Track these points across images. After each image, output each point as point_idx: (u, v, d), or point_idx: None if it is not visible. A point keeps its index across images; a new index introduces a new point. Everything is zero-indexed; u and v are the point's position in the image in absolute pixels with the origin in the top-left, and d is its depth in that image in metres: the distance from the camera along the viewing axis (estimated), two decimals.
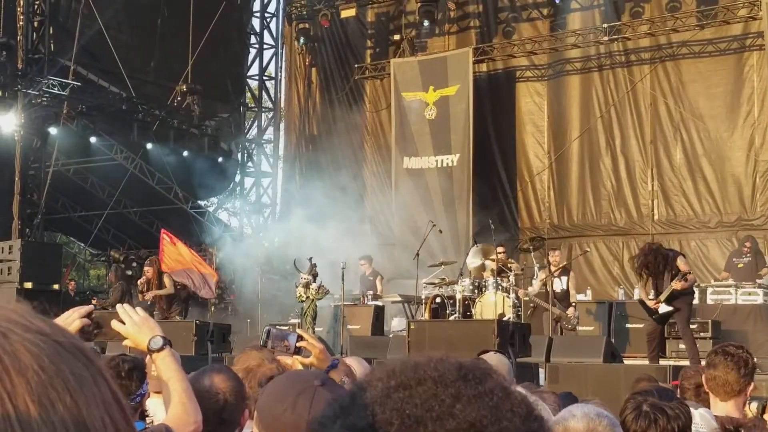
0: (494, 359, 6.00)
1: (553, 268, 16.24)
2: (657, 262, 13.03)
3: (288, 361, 4.51)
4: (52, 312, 3.39)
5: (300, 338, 3.93)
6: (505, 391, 1.08)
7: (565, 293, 16.11)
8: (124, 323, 3.44)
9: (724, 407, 4.84)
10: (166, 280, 17.44)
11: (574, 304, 16.11)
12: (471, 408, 1.04)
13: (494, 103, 23.27)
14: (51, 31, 24.40)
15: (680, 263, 13.13)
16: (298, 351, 3.91)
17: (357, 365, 4.73)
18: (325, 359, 3.96)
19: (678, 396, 4.43)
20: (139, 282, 17.87)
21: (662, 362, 13.94)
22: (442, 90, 23.18)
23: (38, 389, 0.82)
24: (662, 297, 13.03)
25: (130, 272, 26.92)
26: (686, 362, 12.75)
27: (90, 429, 0.83)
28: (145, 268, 17.73)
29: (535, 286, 16.62)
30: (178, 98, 25.60)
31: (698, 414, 4.31)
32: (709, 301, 17.05)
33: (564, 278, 16.14)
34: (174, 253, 18.38)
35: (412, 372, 1.08)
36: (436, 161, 23.25)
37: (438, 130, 23.20)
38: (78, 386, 0.85)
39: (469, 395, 1.05)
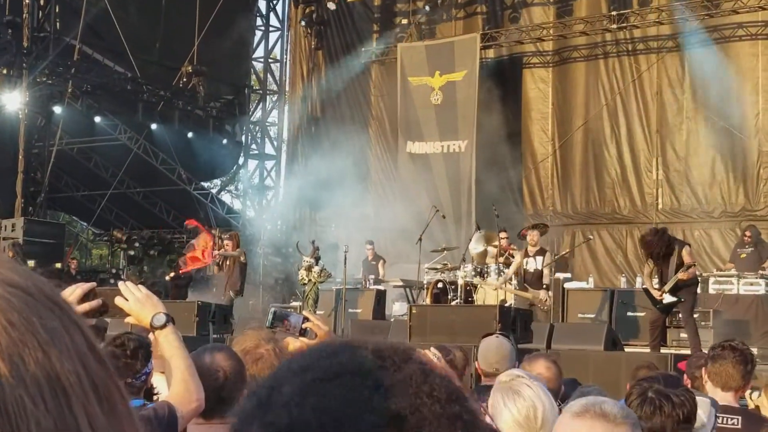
0: (496, 343, 5.98)
1: (530, 248, 16.08)
2: (660, 245, 12.95)
3: (291, 344, 4.49)
4: (63, 288, 3.37)
5: (306, 320, 3.92)
6: (424, 375, 1.06)
7: (539, 274, 15.86)
8: (127, 300, 3.42)
9: (725, 398, 4.87)
10: (241, 252, 18.19)
11: (545, 285, 15.85)
12: (390, 399, 1.02)
13: (500, 89, 23.21)
14: (57, 10, 24.34)
15: (685, 254, 13.08)
16: (303, 332, 3.90)
17: None
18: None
19: (684, 384, 4.42)
20: (216, 254, 18.59)
21: (663, 351, 13.93)
22: (448, 75, 23.11)
23: (8, 347, 0.78)
24: (667, 287, 13.00)
25: (132, 252, 26.94)
26: (687, 351, 12.73)
27: (64, 383, 0.79)
28: (225, 243, 18.37)
29: (510, 270, 16.37)
30: (184, 79, 25.57)
31: (704, 402, 4.30)
32: (711, 291, 17.01)
33: (539, 259, 15.90)
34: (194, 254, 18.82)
35: (328, 363, 1.05)
36: (443, 147, 23.19)
37: (444, 115, 23.14)
38: (50, 339, 0.80)
39: (387, 385, 1.03)
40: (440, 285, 17.04)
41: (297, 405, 1.03)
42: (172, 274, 20.69)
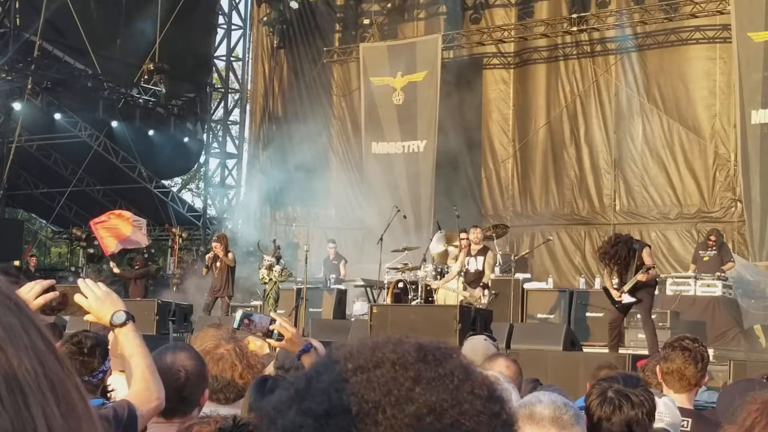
0: (481, 344, 5.99)
1: (473, 246, 16.00)
2: (626, 253, 12.99)
3: (253, 343, 4.46)
4: (22, 284, 3.32)
5: (273, 321, 3.90)
6: (466, 372, 1.06)
7: (479, 274, 15.68)
8: (86, 297, 3.37)
9: (678, 399, 4.83)
10: (231, 255, 17.98)
11: (483, 284, 15.77)
12: (431, 391, 1.02)
13: (460, 90, 23.25)
14: (16, 5, 24.09)
15: (645, 256, 13.12)
16: (270, 334, 3.88)
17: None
18: (298, 343, 3.92)
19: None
20: (206, 257, 18.40)
21: (621, 351, 14.00)
22: (410, 76, 23.13)
23: None
24: (626, 288, 13.05)
25: (92, 250, 26.71)
26: (645, 351, 12.79)
27: (21, 381, 0.78)
28: (213, 244, 18.20)
29: (454, 269, 16.34)
30: (145, 77, 25.38)
31: (662, 403, 4.29)
32: (668, 292, 17.12)
33: (480, 259, 15.83)
34: (111, 229, 18.51)
35: (370, 354, 1.05)
36: (403, 147, 23.21)
37: (405, 115, 23.16)
38: (6, 336, 0.79)
39: (428, 378, 1.03)
40: (401, 285, 17.04)
41: (336, 391, 1.02)
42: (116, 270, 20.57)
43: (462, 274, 15.83)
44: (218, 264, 17.85)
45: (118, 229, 18.84)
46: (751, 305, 17.33)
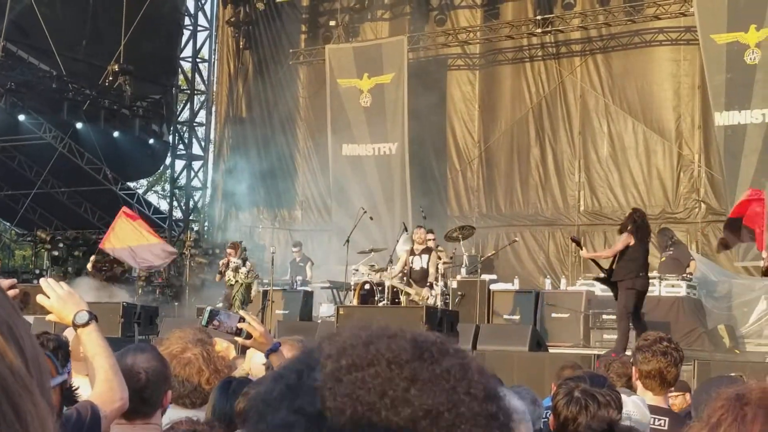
0: None
1: (417, 246, 16.15)
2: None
3: (218, 346, 4.42)
4: None
5: (242, 320, 3.87)
6: (463, 370, 1.03)
7: (424, 272, 15.96)
8: (48, 297, 3.33)
9: (656, 400, 4.77)
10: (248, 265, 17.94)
11: (429, 283, 15.90)
12: (427, 393, 0.99)
13: (425, 91, 23.23)
14: None
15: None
16: (238, 332, 3.85)
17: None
18: (266, 342, 3.89)
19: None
20: (220, 263, 18.47)
21: (587, 351, 14.07)
22: (376, 78, 23.09)
23: None
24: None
25: (56, 253, 26.54)
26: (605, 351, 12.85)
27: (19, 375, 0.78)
28: (228, 251, 18.19)
29: (396, 268, 16.49)
30: (110, 78, 25.19)
31: (631, 402, 4.27)
32: None
33: (425, 257, 16.01)
34: (128, 229, 18.22)
35: (364, 350, 1.02)
36: (374, 149, 23.17)
37: (374, 118, 23.11)
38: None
39: (424, 378, 1.00)
40: (367, 286, 17.03)
41: (329, 390, 0.99)
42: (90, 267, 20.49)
43: (408, 272, 16.02)
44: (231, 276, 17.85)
45: (134, 234, 18.44)
46: (715, 305, 17.45)
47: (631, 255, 12.64)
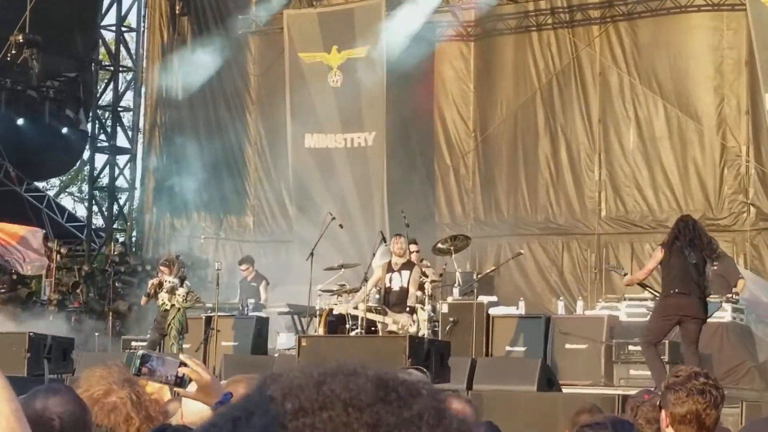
0: None
1: (396, 260, 16.01)
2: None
3: (150, 387, 4.42)
4: None
5: (182, 365, 3.84)
6: (438, 416, 1.02)
7: (403, 294, 15.75)
8: None
9: None
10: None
11: (409, 308, 15.77)
12: None
13: (407, 67, 23.21)
14: None
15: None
16: (179, 382, 3.82)
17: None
18: (214, 393, 3.88)
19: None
20: (150, 283, 18.44)
21: (609, 391, 14.11)
22: (348, 51, 23.09)
23: None
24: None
25: None
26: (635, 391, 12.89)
27: None
28: (161, 269, 18.14)
29: (368, 285, 16.34)
30: (13, 52, 25.08)
31: None
32: None
33: (405, 274, 15.82)
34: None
35: (315, 391, 1.01)
36: (345, 140, 23.14)
37: (346, 101, 23.08)
38: None
39: (390, 424, 0.99)
40: (336, 311, 17.02)
41: None
42: None
43: (381, 294, 15.87)
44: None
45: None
46: None
47: (664, 271, 13.00)
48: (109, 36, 29.34)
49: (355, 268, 18.95)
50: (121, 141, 28.81)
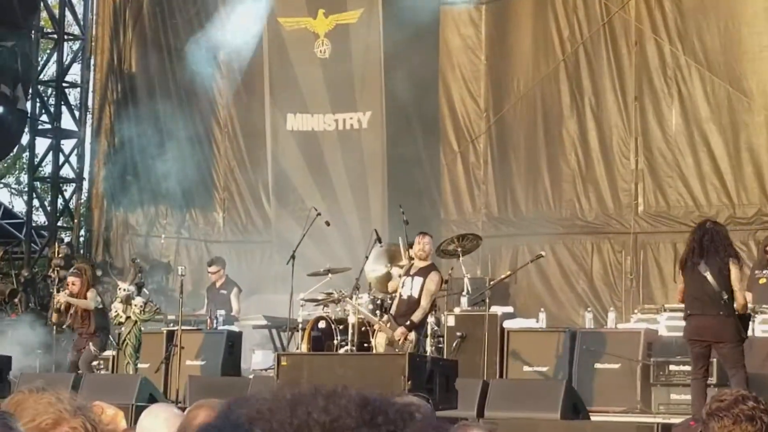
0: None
1: (417, 263, 16.00)
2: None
3: (105, 416, 4.45)
4: None
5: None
6: None
7: (414, 303, 15.83)
8: None
9: None
10: (90, 294, 18.23)
11: (410, 322, 15.64)
12: None
13: (408, 36, 23.24)
14: None
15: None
16: None
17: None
18: None
19: None
20: (56, 299, 18.70)
21: (646, 419, 14.16)
22: (337, 16, 23.08)
23: None
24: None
25: None
26: (677, 419, 12.95)
27: None
28: (70, 279, 18.42)
29: (390, 286, 16.40)
30: None
31: None
32: None
33: (418, 281, 15.93)
34: None
35: (289, 414, 1.01)
36: (336, 121, 23.11)
37: (335, 75, 23.08)
38: None
39: None
40: (322, 324, 17.06)
41: None
42: None
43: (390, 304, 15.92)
44: (74, 308, 17.87)
45: None
46: None
47: (683, 290, 13.72)
48: None
49: (346, 274, 18.97)
50: (67, 123, 28.83)
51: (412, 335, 15.59)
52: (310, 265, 19.00)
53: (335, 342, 16.68)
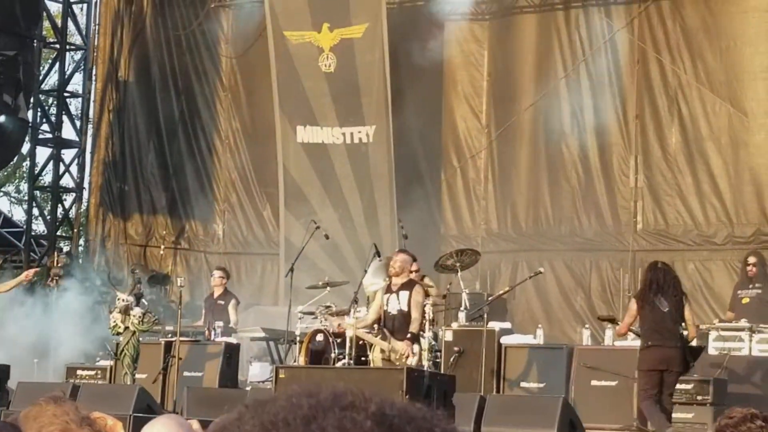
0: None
1: (394, 279, 16.02)
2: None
3: (109, 423, 4.48)
4: None
5: None
6: None
7: (403, 317, 15.80)
8: None
9: None
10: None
11: (410, 334, 15.69)
12: None
13: (411, 51, 23.30)
14: None
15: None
16: None
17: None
18: None
19: None
20: None
21: None
22: (341, 30, 23.08)
23: None
24: None
25: None
26: None
27: None
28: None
29: (369, 315, 16.40)
30: None
31: None
32: (711, 351, 17.30)
33: (404, 295, 15.89)
34: None
35: (303, 429, 1.00)
36: (344, 135, 23.10)
37: (342, 89, 23.09)
38: None
39: None
40: (320, 337, 17.08)
41: None
42: None
43: (381, 320, 15.91)
44: None
45: None
46: None
47: (640, 322, 14.55)
48: (54, 8, 29.42)
49: (343, 288, 18.99)
50: (68, 132, 28.87)
51: (416, 348, 15.62)
52: (321, 276, 19.10)
53: (333, 355, 16.70)
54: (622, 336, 15.44)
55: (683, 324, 14.34)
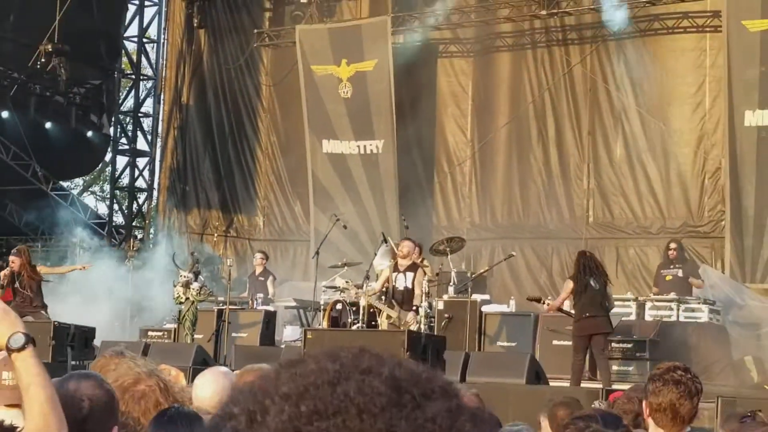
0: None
1: (401, 261, 16.09)
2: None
3: (170, 372, 4.43)
4: None
5: None
6: (451, 418, 0.98)
7: (408, 293, 15.87)
8: None
9: None
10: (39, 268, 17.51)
11: (416, 307, 15.80)
12: None
13: (410, 81, 23.28)
14: None
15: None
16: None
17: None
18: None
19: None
20: (1, 274, 17.33)
21: (594, 385, 14.14)
22: (357, 64, 23.09)
23: None
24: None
25: None
26: (620, 386, 12.91)
27: None
28: (11, 258, 17.33)
29: (376, 285, 16.43)
30: (42, 60, 25.10)
31: None
32: (647, 317, 17.28)
33: (410, 275, 15.93)
34: None
35: (330, 393, 0.96)
36: (359, 147, 23.18)
37: (357, 111, 23.13)
38: None
39: (403, 430, 0.95)
40: (339, 306, 17.04)
41: None
42: None
43: (387, 292, 15.91)
44: (22, 283, 16.93)
45: None
46: (742, 333, 17.53)
47: (575, 298, 14.65)
48: (131, 47, 29.42)
49: (358, 267, 18.98)
50: (141, 144, 28.91)
51: (418, 316, 15.70)
52: (341, 258, 19.21)
53: (349, 320, 16.65)
54: (554, 310, 15.28)
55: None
